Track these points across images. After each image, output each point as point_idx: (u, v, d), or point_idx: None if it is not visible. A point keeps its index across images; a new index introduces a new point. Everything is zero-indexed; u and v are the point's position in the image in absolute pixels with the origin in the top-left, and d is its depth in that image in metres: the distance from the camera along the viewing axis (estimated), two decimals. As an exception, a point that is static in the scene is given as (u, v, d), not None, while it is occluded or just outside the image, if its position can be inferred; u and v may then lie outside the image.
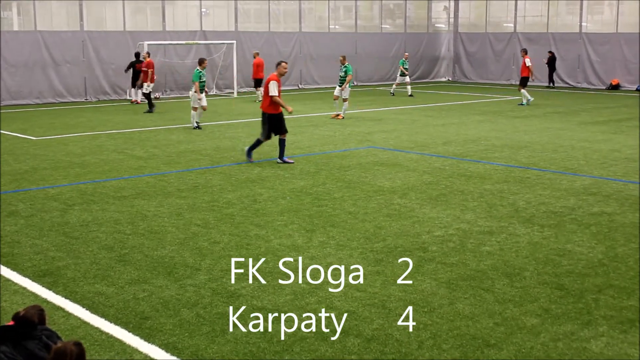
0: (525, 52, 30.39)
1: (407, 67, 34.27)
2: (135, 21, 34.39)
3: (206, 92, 21.98)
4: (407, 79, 34.10)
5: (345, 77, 24.66)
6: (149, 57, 27.83)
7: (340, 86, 24.92)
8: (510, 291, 7.94)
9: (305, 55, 38.50)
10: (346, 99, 24.69)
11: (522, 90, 29.27)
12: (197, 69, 21.53)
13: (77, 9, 31.44)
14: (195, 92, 21.34)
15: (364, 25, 42.90)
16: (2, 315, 7.27)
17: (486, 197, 12.55)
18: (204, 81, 21.68)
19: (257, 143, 16.08)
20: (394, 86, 34.84)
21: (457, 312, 7.33)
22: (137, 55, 29.63)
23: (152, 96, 27.59)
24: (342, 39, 40.62)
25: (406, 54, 36.66)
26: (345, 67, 24.81)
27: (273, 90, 15.56)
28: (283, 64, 16.06)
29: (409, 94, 33.69)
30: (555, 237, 10.06)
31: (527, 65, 29.25)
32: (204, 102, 21.54)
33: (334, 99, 25.64)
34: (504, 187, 13.30)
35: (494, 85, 40.90)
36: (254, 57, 31.25)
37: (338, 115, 24.54)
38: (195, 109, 21.59)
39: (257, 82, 30.60)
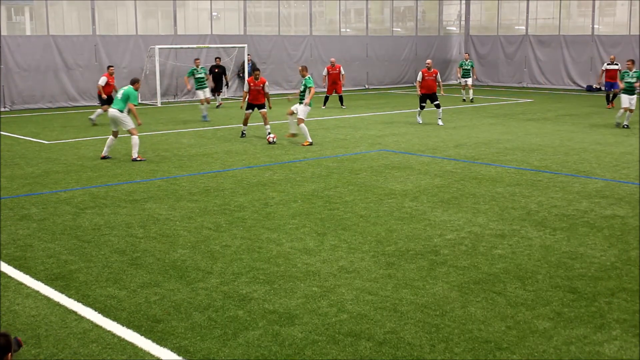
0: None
1: (467, 68, 32.35)
2: (147, 25, 34.52)
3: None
4: (469, 81, 32.37)
5: (304, 92, 19.50)
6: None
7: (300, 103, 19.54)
8: (523, 294, 7.92)
9: (316, 59, 38.51)
10: (302, 119, 19.28)
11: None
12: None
13: (89, 13, 31.55)
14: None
15: (374, 28, 42.88)
16: (15, 318, 7.30)
17: (498, 200, 12.51)
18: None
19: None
20: (463, 91, 33.08)
21: (469, 316, 7.31)
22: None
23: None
24: (353, 42, 40.63)
25: (466, 54, 34.99)
26: (305, 80, 19.48)
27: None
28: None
29: (463, 98, 32.59)
30: (567, 240, 10.03)
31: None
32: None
33: (289, 114, 20.05)
34: (516, 190, 13.26)
35: (505, 88, 40.79)
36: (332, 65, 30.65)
37: (294, 134, 19.95)
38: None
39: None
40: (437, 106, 24.06)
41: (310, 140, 19.16)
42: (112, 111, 17.05)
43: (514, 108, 29.49)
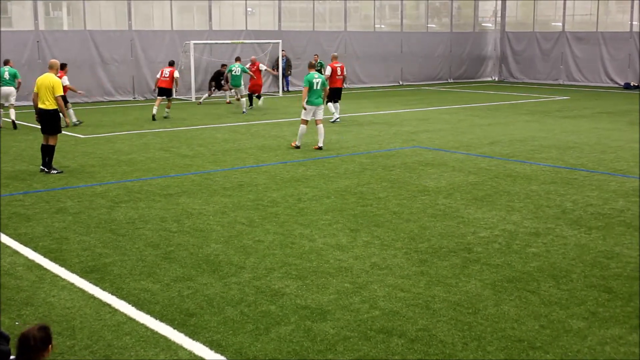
0: None
1: (318, 68, 28.60)
2: (182, 20, 34.74)
3: None
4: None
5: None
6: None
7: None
8: (557, 293, 7.84)
9: (350, 55, 38.46)
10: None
11: None
12: None
13: (126, 9, 31.82)
14: None
15: (409, 24, 42.73)
16: (51, 310, 7.39)
17: (533, 198, 12.40)
18: None
19: None
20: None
21: (502, 314, 7.26)
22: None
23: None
24: (388, 38, 40.54)
25: (315, 55, 33.33)
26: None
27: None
28: None
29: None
30: (603, 239, 9.91)
31: None
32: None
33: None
34: (551, 188, 13.13)
35: (541, 85, 40.43)
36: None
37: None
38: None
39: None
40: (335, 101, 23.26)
41: (297, 143, 17.83)
42: (7, 89, 21.61)
43: (550, 105, 29.20)
